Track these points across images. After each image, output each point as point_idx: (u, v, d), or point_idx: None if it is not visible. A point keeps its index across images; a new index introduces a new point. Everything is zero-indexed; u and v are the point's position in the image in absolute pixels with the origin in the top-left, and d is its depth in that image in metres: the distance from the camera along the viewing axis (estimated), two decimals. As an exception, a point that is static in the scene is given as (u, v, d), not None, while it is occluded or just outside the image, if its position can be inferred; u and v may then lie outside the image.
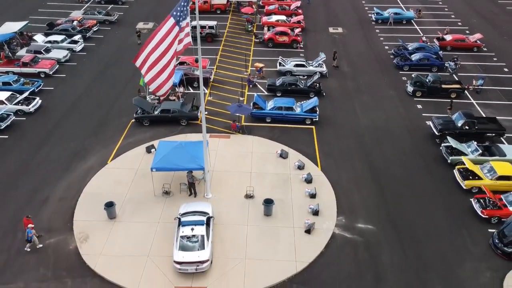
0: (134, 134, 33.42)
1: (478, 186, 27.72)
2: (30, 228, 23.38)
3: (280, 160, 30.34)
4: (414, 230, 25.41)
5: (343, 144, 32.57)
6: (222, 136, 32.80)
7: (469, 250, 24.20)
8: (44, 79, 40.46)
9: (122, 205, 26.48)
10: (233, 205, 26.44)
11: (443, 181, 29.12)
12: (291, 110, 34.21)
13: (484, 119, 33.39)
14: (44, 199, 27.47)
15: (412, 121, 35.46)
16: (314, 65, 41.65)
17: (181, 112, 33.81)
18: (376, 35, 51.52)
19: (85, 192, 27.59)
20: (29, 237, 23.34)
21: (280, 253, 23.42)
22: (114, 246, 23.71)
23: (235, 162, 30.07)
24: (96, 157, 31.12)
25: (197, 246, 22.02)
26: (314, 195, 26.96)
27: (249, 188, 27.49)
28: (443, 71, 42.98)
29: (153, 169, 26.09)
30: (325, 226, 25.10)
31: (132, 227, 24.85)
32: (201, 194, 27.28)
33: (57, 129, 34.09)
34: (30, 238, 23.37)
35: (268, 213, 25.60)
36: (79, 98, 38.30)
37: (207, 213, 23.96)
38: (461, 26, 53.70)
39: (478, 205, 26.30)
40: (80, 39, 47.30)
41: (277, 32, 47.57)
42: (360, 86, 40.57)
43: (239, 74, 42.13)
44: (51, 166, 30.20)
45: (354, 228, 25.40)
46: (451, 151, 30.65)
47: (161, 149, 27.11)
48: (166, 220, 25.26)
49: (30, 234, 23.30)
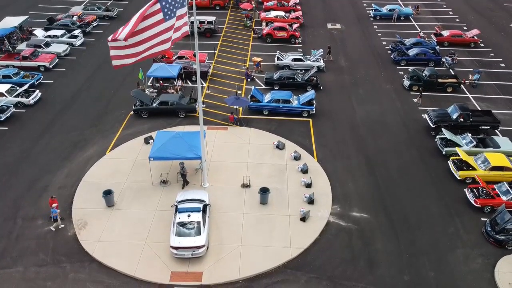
0: (133, 126, 33.80)
1: (472, 177, 28.09)
2: (54, 207, 24.16)
3: (277, 151, 30.70)
4: (407, 219, 25.78)
5: (339, 136, 32.93)
6: (220, 128, 33.16)
7: (462, 237, 24.57)
8: (44, 73, 40.88)
9: (121, 193, 26.85)
10: (230, 194, 26.81)
11: (437, 172, 29.48)
12: (288, 102, 34.57)
13: (479, 112, 33.75)
14: (43, 187, 27.86)
15: (408, 114, 35.82)
16: (311, 59, 42.01)
17: (179, 104, 34.19)
18: (374, 31, 51.89)
19: (84, 180, 27.97)
20: (54, 217, 24.19)
21: (275, 240, 23.79)
22: (112, 233, 24.09)
23: (232, 153, 30.44)
24: (95, 147, 31.50)
25: (194, 232, 22.40)
26: (310, 184, 27.32)
27: (246, 178, 27.85)
28: (440, 66, 43.35)
29: (151, 158, 26.47)
30: (320, 214, 25.47)
31: (130, 215, 25.23)
32: (198, 183, 27.66)
33: (57, 121, 34.47)
34: (56, 217, 24.22)
35: (264, 201, 25.97)
36: (79, 91, 38.69)
37: (203, 201, 24.32)
38: (459, 22, 54.07)
39: (472, 194, 26.65)
40: (80, 34, 47.70)
41: (275, 28, 47.94)
42: (357, 80, 40.94)
43: (237, 69, 42.51)
44: (51, 156, 30.59)
45: (349, 216, 25.77)
46: (446, 142, 31.00)
47: (159, 139, 27.48)
48: (163, 208, 25.64)
49: (55, 213, 24.14)
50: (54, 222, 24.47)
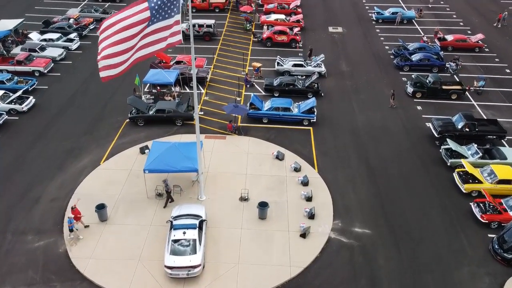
0: (129, 134, 32.89)
1: (478, 190, 27.16)
2: (70, 217, 23.32)
3: (276, 161, 29.78)
4: (411, 234, 24.87)
5: (340, 146, 32.00)
6: (218, 137, 32.24)
7: (468, 254, 23.65)
8: (38, 78, 39.96)
9: (114, 206, 25.95)
10: (227, 208, 25.89)
11: (442, 184, 28.55)
12: (288, 110, 33.63)
13: (484, 121, 32.78)
14: (35, 198, 27.00)
15: (412, 122, 34.88)
16: (312, 65, 41.07)
17: (176, 112, 33.25)
18: (376, 34, 50.91)
19: (77, 193, 27.06)
20: (70, 227, 23.32)
21: (275, 258, 22.87)
22: (105, 249, 23.18)
23: (230, 163, 29.52)
24: (90, 156, 30.60)
25: (189, 250, 21.48)
26: (310, 198, 26.40)
27: (244, 191, 26.93)
28: (444, 71, 42.39)
29: (146, 170, 25.55)
30: (320, 230, 24.55)
31: (124, 230, 24.32)
32: (195, 196, 26.74)
33: (51, 128, 33.56)
34: (71, 228, 23.35)
35: (263, 216, 25.06)
36: (74, 97, 37.76)
37: (200, 216, 23.40)
38: (463, 26, 53.07)
39: (478, 209, 25.72)
40: (76, 37, 46.75)
41: (275, 31, 46.96)
42: (359, 86, 39.99)
43: (236, 74, 41.57)
44: (44, 165, 29.71)
45: (351, 232, 24.84)
46: (450, 153, 30.07)
47: (154, 150, 26.56)
48: (158, 223, 24.73)
49: (70, 224, 23.24)
50: (70, 233, 23.65)
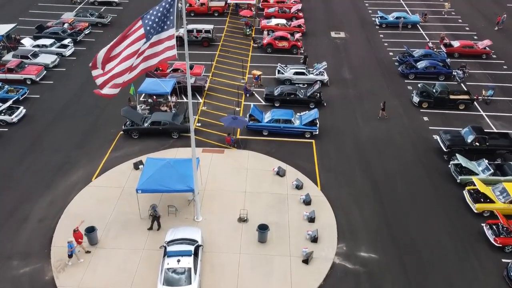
0: (122, 147, 31.43)
1: (490, 210, 25.71)
2: (69, 242, 21.94)
3: (277, 178, 28.33)
4: (419, 257, 23.43)
5: (344, 160, 30.55)
6: (216, 151, 30.78)
7: (480, 281, 22.20)
8: (30, 86, 38.47)
9: (106, 228, 24.51)
10: (225, 230, 24.43)
11: (451, 203, 27.10)
12: (289, 123, 32.17)
13: (495, 134, 31.25)
14: (23, 218, 25.58)
15: (418, 134, 33.42)
16: (314, 73, 39.60)
17: (173, 124, 31.79)
18: (380, 40, 49.42)
19: (66, 212, 25.62)
20: (69, 252, 22.01)
21: (275, 286, 21.42)
22: (94, 276, 21.72)
23: (229, 180, 28.07)
24: (81, 172, 29.17)
25: (184, 280, 20.05)
26: (313, 219, 24.94)
27: (243, 211, 25.47)
28: (451, 79, 40.91)
29: (139, 190, 24.09)
30: (324, 254, 23.09)
31: (115, 255, 22.85)
32: (191, 216, 25.29)
33: (41, 141, 32.10)
34: (71, 253, 22.03)
35: (263, 239, 23.60)
36: (66, 107, 36.29)
37: (195, 241, 21.94)
38: (469, 31, 51.57)
39: (491, 231, 24.27)
40: (70, 43, 45.24)
41: (276, 37, 45.47)
42: (363, 95, 38.51)
43: (235, 82, 40.09)
44: (33, 181, 28.30)
45: (356, 256, 23.39)
46: (460, 169, 28.61)
47: (148, 168, 25.10)
48: (151, 247, 23.27)
49: (70, 248, 21.89)
50: (70, 258, 22.28)
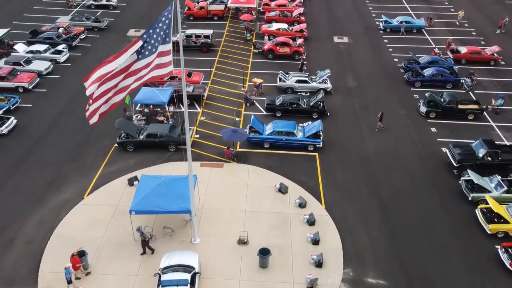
0: (117, 161, 30.01)
1: (505, 231, 24.27)
2: (67, 268, 20.68)
3: (279, 195, 26.90)
4: (430, 283, 22.00)
5: (349, 176, 29.11)
6: (214, 165, 29.35)
7: (498, 313, 20.84)
8: (22, 95, 37.04)
9: (97, 250, 23.09)
10: (224, 253, 22.99)
11: (463, 223, 25.66)
12: (291, 135, 30.73)
13: (507, 148, 29.79)
14: (10, 239, 24.21)
15: (426, 146, 31.99)
16: (317, 81, 38.16)
17: (169, 136, 30.35)
18: (384, 45, 47.94)
19: (56, 233, 24.22)
20: (68, 278, 20.82)
21: (277, 317, 20.07)
22: (84, 306, 20.38)
23: (228, 198, 26.64)
24: (73, 187, 27.78)
25: (179, 313, 18.67)
26: (318, 241, 23.50)
27: (243, 233, 24.03)
28: (458, 87, 39.46)
29: (132, 211, 22.67)
30: (330, 281, 21.65)
31: (106, 282, 21.42)
32: (188, 238, 23.86)
33: (32, 154, 30.69)
34: (69, 279, 20.83)
35: (264, 265, 22.17)
36: (59, 117, 34.84)
37: (192, 268, 20.52)
38: (476, 36, 50.07)
39: (506, 255, 22.82)
40: (65, 49, 43.79)
41: (277, 43, 43.98)
42: (367, 104, 37.05)
43: (235, 90, 38.65)
44: (22, 198, 26.93)
45: (364, 283, 21.94)
46: (472, 186, 27.18)
47: (143, 187, 23.68)
48: (145, 272, 21.83)
49: (68, 275, 20.69)
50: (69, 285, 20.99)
